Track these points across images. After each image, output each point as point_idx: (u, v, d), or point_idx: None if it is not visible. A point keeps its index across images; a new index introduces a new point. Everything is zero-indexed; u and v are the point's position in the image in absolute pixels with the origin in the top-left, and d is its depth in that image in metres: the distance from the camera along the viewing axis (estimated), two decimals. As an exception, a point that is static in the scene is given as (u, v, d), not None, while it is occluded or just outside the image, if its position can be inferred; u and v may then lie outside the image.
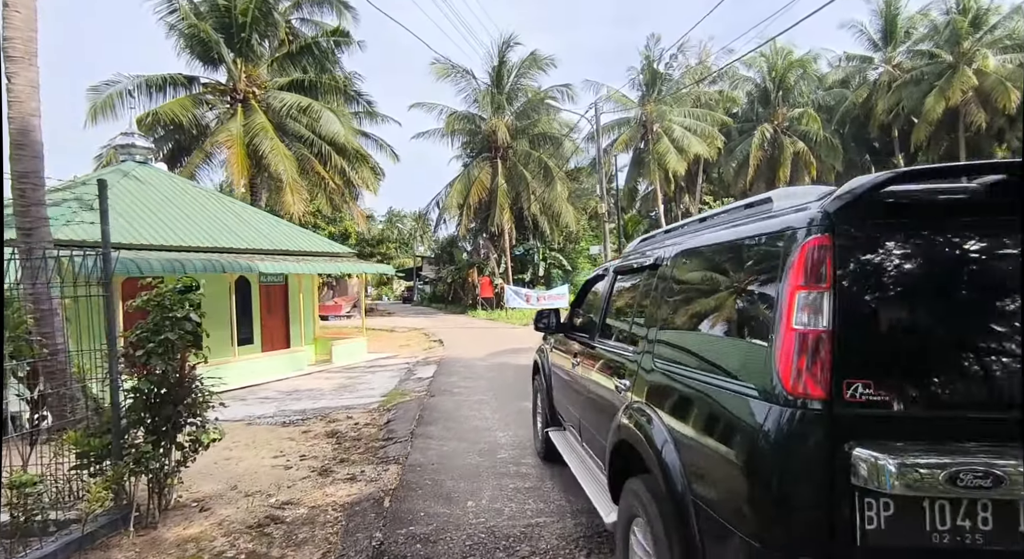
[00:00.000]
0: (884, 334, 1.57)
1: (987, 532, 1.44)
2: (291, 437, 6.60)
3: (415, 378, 10.57)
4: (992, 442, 1.45)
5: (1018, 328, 1.50)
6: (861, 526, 1.46)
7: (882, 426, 1.50)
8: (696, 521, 1.87)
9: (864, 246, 1.60)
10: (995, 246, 1.58)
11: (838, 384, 1.51)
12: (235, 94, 19.31)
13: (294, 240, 13.96)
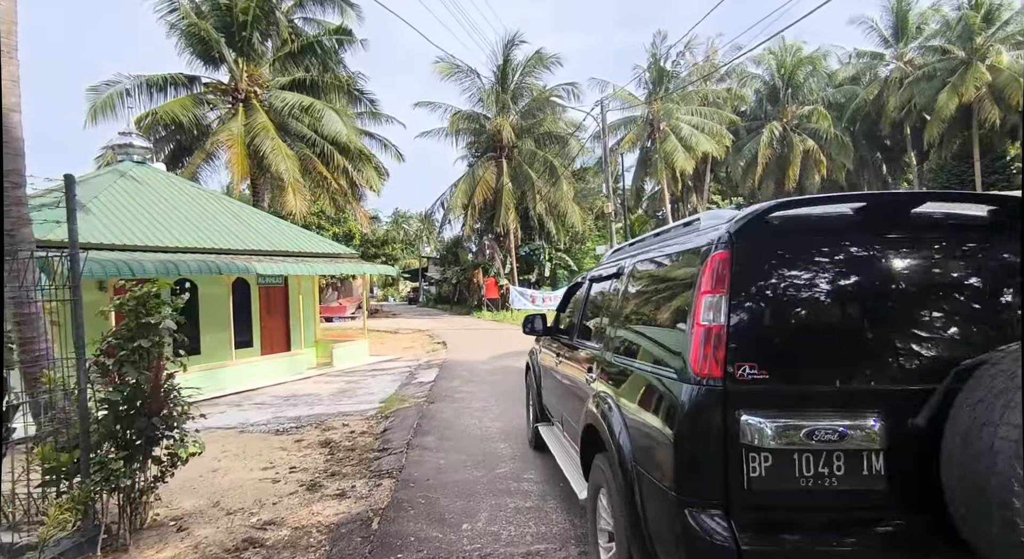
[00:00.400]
0: (764, 328, 2.03)
1: (839, 476, 1.87)
2: (283, 446, 6.30)
3: (416, 382, 10.26)
4: (840, 409, 1.90)
5: (866, 324, 1.99)
6: (748, 474, 1.88)
7: (762, 398, 1.92)
8: (638, 483, 2.26)
9: (752, 260, 2.05)
10: (854, 257, 2.07)
11: (730, 367, 1.93)
12: (236, 94, 19.11)
13: (294, 241, 13.70)
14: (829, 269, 2.08)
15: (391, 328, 23.99)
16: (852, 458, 1.88)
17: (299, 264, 12.36)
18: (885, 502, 1.91)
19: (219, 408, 8.93)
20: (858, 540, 1.88)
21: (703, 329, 2.01)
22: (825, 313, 2.05)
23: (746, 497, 1.89)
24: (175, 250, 10.51)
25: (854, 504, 1.91)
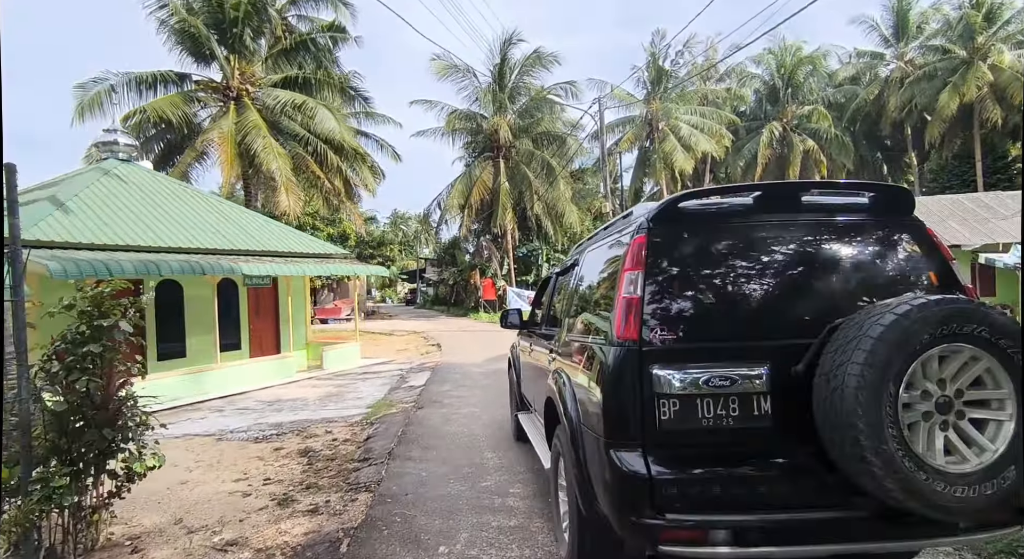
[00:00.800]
0: (674, 297, 2.37)
1: (734, 416, 2.19)
2: (260, 455, 5.98)
3: (406, 386, 9.94)
4: (735, 361, 2.22)
5: (759, 292, 2.37)
6: (659, 417, 2.20)
7: (671, 355, 2.26)
8: (582, 438, 2.59)
9: (665, 241, 2.43)
10: (751, 237, 2.44)
11: (646, 330, 2.28)
12: (228, 91, 18.80)
13: (284, 241, 13.38)
14: (729, 247, 2.48)
15: (386, 330, 23.66)
16: (744, 401, 2.22)
17: (288, 264, 12.03)
18: (773, 436, 2.24)
19: (200, 413, 8.62)
20: (751, 468, 2.24)
21: (624, 300, 2.39)
22: (725, 284, 2.42)
23: (658, 436, 2.22)
24: (158, 250, 10.19)
25: (747, 439, 2.25)
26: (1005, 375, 1.99)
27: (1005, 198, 22.02)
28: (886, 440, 1.89)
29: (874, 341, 1.94)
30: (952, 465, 1.95)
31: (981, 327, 1.97)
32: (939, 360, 2.00)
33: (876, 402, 1.90)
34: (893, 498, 1.92)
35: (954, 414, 2.01)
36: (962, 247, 19.33)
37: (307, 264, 12.69)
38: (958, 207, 21.93)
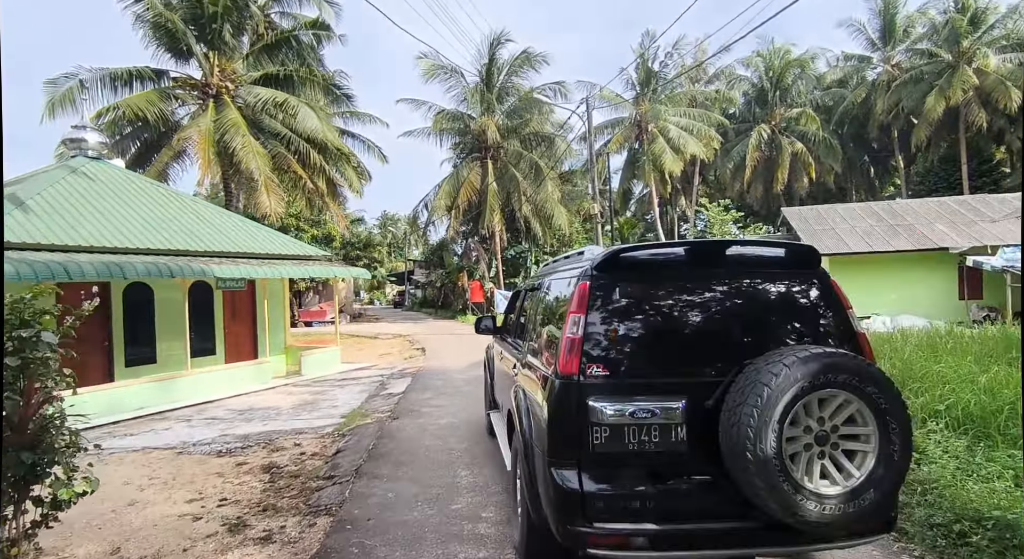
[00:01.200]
0: (608, 338, 2.77)
1: (655, 441, 2.61)
2: (221, 471, 5.58)
3: (385, 394, 9.56)
4: (657, 396, 2.63)
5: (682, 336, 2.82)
6: (593, 441, 2.61)
7: (604, 389, 2.66)
8: (532, 451, 3.01)
9: (604, 288, 2.82)
10: (678, 286, 2.87)
11: (583, 367, 2.68)
12: (207, 89, 18.32)
13: (261, 242, 12.95)
14: (660, 295, 2.85)
15: (371, 333, 23.22)
16: (664, 429, 2.58)
17: (265, 267, 11.60)
18: (687, 458, 2.60)
19: (166, 423, 8.19)
20: (668, 486, 2.62)
21: (568, 339, 2.73)
22: (653, 326, 2.80)
23: (591, 457, 2.59)
24: (125, 251, 9.74)
25: (665, 461, 2.61)
26: (871, 415, 2.40)
27: (991, 201, 22.06)
28: (771, 470, 2.29)
29: (766, 387, 2.34)
30: (824, 487, 2.38)
31: (852, 376, 2.38)
32: (819, 402, 2.40)
33: (764, 438, 2.29)
34: (775, 513, 2.35)
35: (830, 446, 2.43)
36: (950, 249, 19.30)
37: (285, 266, 12.26)
38: (945, 209, 21.94)
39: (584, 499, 2.57)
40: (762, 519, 2.48)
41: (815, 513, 2.31)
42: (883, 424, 2.39)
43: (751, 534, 2.58)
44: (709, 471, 2.60)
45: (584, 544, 2.57)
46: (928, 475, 4.17)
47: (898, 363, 7.77)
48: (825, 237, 21.23)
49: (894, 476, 2.40)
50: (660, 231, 36.58)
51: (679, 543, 2.57)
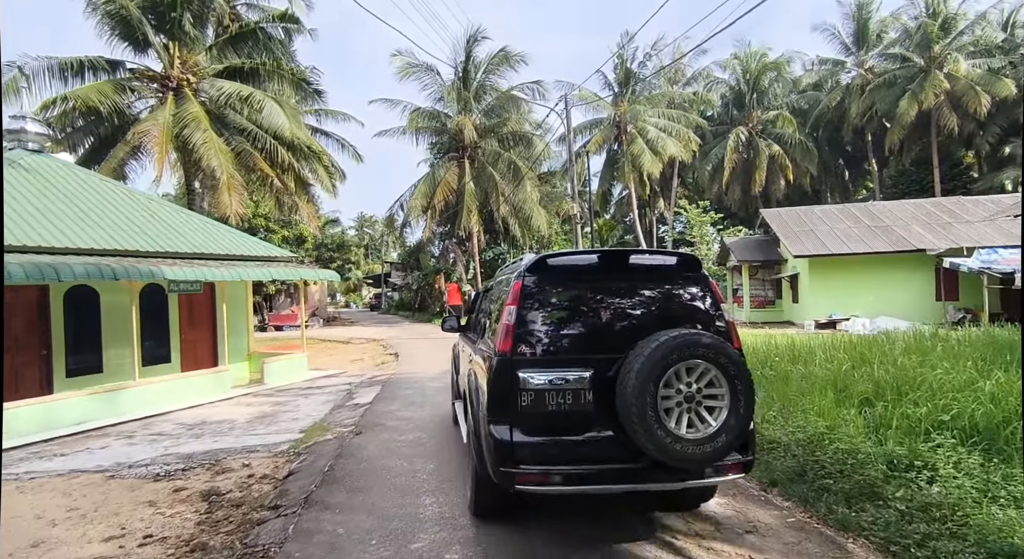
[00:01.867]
0: (534, 324, 3.53)
1: (569, 403, 3.35)
2: (153, 499, 4.91)
3: (351, 404, 8.91)
4: (570, 367, 3.39)
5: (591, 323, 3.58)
6: (521, 403, 3.34)
7: (529, 363, 3.42)
8: (478, 418, 3.78)
9: (532, 286, 3.61)
10: (593, 287, 3.63)
11: (514, 347, 3.44)
12: (167, 81, 17.38)
13: (221, 242, 12.17)
14: (576, 291, 3.66)
15: (344, 337, 22.42)
16: (575, 393, 3.39)
17: (223, 268, 10.83)
18: (593, 417, 3.39)
19: (105, 440, 7.43)
20: (578, 437, 3.42)
21: (504, 325, 3.53)
22: (569, 315, 3.61)
23: (520, 416, 3.39)
24: (64, 251, 8.92)
25: (577, 418, 3.40)
26: (724, 379, 3.16)
27: (966, 203, 22.27)
28: (649, 420, 3.04)
29: (644, 359, 3.11)
30: (690, 433, 3.11)
31: (709, 351, 3.15)
32: (686, 370, 3.17)
33: (643, 397, 3.05)
34: (654, 454, 3.10)
35: (695, 403, 3.18)
36: (927, 251, 19.35)
37: (247, 268, 11.49)
38: (921, 211, 22.07)
39: (513, 447, 3.35)
40: (648, 461, 3.25)
41: (683, 453, 3.09)
42: (733, 386, 3.19)
43: (641, 473, 3.34)
44: (610, 425, 3.36)
45: (513, 482, 3.33)
46: (944, 497, 3.74)
47: (891, 368, 7.43)
48: (805, 238, 21.15)
49: (741, 424, 3.20)
50: (639, 233, 36.41)
51: (586, 480, 3.35)
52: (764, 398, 7.31)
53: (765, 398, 7.21)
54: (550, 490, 3.33)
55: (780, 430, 5.36)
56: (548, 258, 3.76)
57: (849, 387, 7.24)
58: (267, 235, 25.36)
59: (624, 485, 3.40)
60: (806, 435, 5.17)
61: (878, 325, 19.43)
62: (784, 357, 10.28)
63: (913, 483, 4.04)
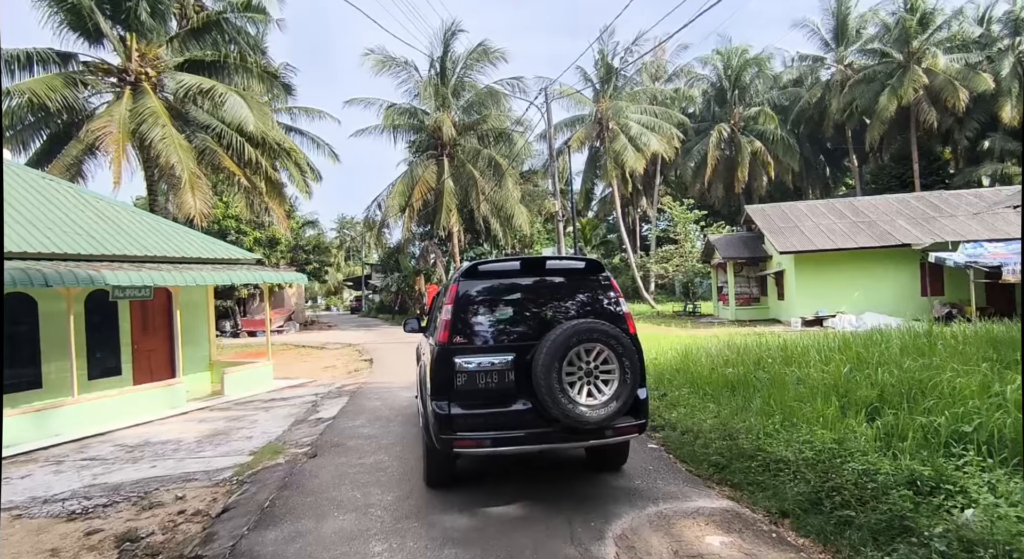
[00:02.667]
0: (466, 319, 4.27)
1: (495, 382, 4.13)
2: (57, 546, 4.15)
3: (314, 419, 8.16)
4: (496, 353, 4.19)
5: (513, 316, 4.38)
6: (457, 383, 4.11)
7: (463, 350, 4.17)
8: (424, 396, 4.68)
9: (466, 288, 4.38)
10: (514, 286, 4.44)
11: (451, 337, 4.18)
12: (125, 75, 16.40)
13: (176, 243, 11.33)
14: (502, 291, 4.46)
15: (319, 343, 21.53)
16: (501, 374, 4.14)
17: (177, 272, 9.99)
18: (515, 392, 4.15)
19: (27, 468, 6.59)
20: (503, 409, 4.15)
21: (443, 320, 4.31)
22: (496, 311, 4.38)
23: (456, 393, 4.13)
24: (-11, 256, 8.02)
25: (503, 394, 4.16)
26: (615, 358, 4.02)
27: (948, 197, 22.13)
28: (556, 392, 3.88)
29: (550, 343, 3.95)
30: (588, 401, 3.99)
31: (603, 335, 4.02)
32: (585, 351, 4.02)
33: (551, 374, 3.88)
34: (561, 419, 3.94)
35: (593, 377, 4.07)
36: (912, 246, 19.11)
37: (203, 271, 10.65)
38: (905, 206, 21.87)
39: (451, 419, 4.09)
40: (559, 426, 4.02)
41: (583, 416, 3.88)
42: (622, 363, 3.99)
43: (554, 435, 4.09)
44: (528, 398, 4.10)
45: (451, 446, 4.10)
46: (989, 532, 3.15)
47: (895, 371, 6.91)
48: (790, 234, 20.80)
49: (629, 392, 4.00)
50: (623, 231, 35.98)
51: (510, 443, 4.08)
52: (761, 406, 6.75)
53: (763, 406, 6.64)
54: (480, 452, 4.18)
55: (784, 446, 4.77)
56: (479, 265, 4.59)
57: (851, 392, 6.70)
58: (239, 237, 24.36)
59: (541, 446, 4.23)
60: (814, 451, 4.59)
61: (865, 322, 19.14)
62: (776, 358, 9.77)
63: (945, 511, 3.47)
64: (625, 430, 4.19)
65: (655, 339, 16.13)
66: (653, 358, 11.16)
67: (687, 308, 27.82)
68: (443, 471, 4.70)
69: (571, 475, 4.99)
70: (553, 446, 4.28)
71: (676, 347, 13.50)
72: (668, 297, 36.70)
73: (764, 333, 17.00)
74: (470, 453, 4.21)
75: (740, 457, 4.77)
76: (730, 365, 9.94)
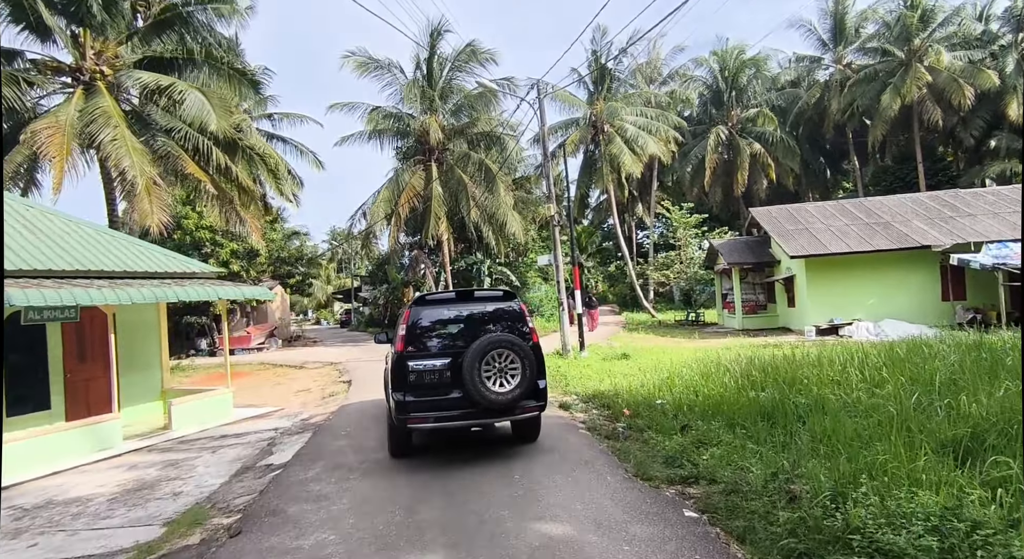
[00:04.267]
0: (416, 334, 6.20)
1: (437, 378, 6.05)
2: None
3: (262, 465, 6.70)
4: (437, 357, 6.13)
5: (451, 332, 6.33)
6: (409, 380, 6.01)
7: (414, 356, 6.09)
8: (387, 390, 6.75)
9: (416, 311, 6.37)
10: (451, 310, 6.46)
11: (405, 347, 6.09)
12: (79, 74, 15.03)
13: (117, 256, 9.91)
14: (441, 314, 6.33)
15: (299, 361, 20.00)
16: (441, 372, 5.97)
17: (110, 290, 8.53)
18: (451, 385, 5.95)
19: None
20: (443, 396, 5.95)
21: (399, 335, 6.13)
22: (438, 329, 6.24)
23: (409, 387, 5.93)
24: None
25: (442, 386, 5.96)
26: (518, 359, 5.86)
27: (965, 196, 20.97)
28: (477, 384, 5.69)
29: (473, 350, 5.77)
30: (499, 390, 5.80)
31: (509, 343, 5.87)
32: (497, 354, 5.83)
33: (473, 371, 5.70)
34: (482, 403, 5.75)
35: (503, 373, 5.87)
36: (932, 247, 17.88)
37: (144, 288, 9.20)
38: (919, 206, 20.69)
39: (406, 404, 5.88)
40: (481, 408, 5.84)
41: (496, 401, 5.74)
42: (524, 363, 5.87)
43: (478, 414, 5.93)
44: (459, 389, 5.91)
45: (406, 423, 5.88)
46: None
47: (984, 399, 5.51)
48: (800, 237, 19.54)
49: (528, 383, 5.88)
50: (621, 239, 34.70)
51: (446, 419, 5.92)
52: (810, 443, 5.37)
53: (812, 444, 5.27)
54: (426, 426, 5.95)
55: (886, 521, 3.36)
56: (426, 296, 6.60)
57: (926, 426, 5.34)
58: (214, 249, 22.87)
59: (469, 422, 6.10)
60: (927, 528, 3.20)
61: (884, 330, 17.84)
62: (811, 377, 8.41)
63: None
64: (529, 409, 6.14)
65: (663, 353, 14.77)
66: (665, 378, 9.77)
67: (689, 317, 26.50)
68: (402, 443, 6.50)
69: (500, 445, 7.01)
70: (477, 422, 6.18)
71: (688, 362, 12.12)
72: (668, 305, 35.38)
73: (780, 344, 15.62)
74: (419, 427, 5.96)
75: (826, 542, 3.36)
76: (757, 385, 8.57)
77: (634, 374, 11.45)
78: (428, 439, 7.15)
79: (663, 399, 8.52)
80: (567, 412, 8.76)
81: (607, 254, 50.06)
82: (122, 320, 10.39)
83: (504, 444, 6.85)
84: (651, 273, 33.24)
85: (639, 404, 8.52)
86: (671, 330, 23.41)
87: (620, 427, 7.59)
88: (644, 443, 6.49)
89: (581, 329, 15.65)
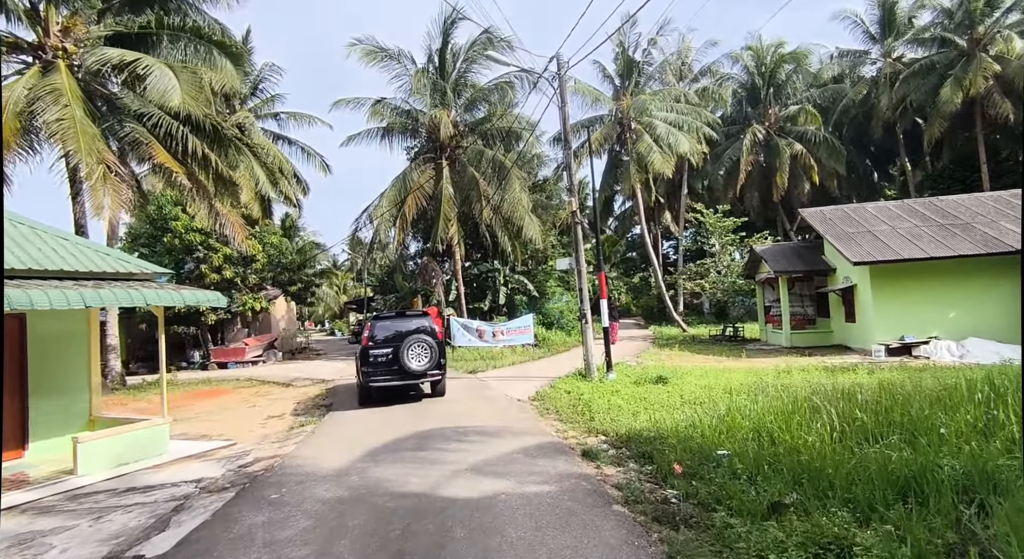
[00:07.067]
0: (375, 337, 11.64)
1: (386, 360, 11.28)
2: None
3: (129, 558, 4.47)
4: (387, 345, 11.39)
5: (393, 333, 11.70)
6: (370, 360, 11.32)
7: (374, 347, 11.44)
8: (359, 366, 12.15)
9: (375, 324, 12.16)
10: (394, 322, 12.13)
11: (368, 342, 11.57)
12: (41, 52, 13.35)
13: (30, 252, 7.87)
14: (388, 324, 11.98)
15: (288, 378, 17.92)
16: (387, 356, 11.21)
17: (22, 290, 6.47)
18: (393, 362, 11.15)
19: None
20: (388, 369, 11.17)
21: (364, 336, 11.83)
22: (387, 332, 11.70)
23: (370, 364, 11.26)
24: None
25: (388, 363, 11.18)
26: (428, 346, 11.25)
27: (1058, 194, 18.02)
28: (404, 361, 11.02)
29: (403, 342, 11.13)
30: (416, 364, 11.11)
31: (423, 334, 11.42)
32: (416, 343, 11.18)
33: (398, 354, 11.05)
34: (409, 372, 11.08)
35: (418, 354, 11.21)
36: None
37: (51, 290, 7.12)
38: (1003, 204, 17.77)
39: (368, 373, 11.11)
40: (408, 375, 11.02)
41: (415, 371, 11.01)
42: (431, 349, 11.19)
43: (408, 377, 11.04)
44: (397, 365, 10.98)
45: (369, 383, 11.05)
46: None
47: None
48: (862, 241, 16.82)
49: (434, 360, 11.18)
50: (648, 246, 32.09)
51: (390, 380, 11.03)
52: None
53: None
54: (379, 385, 10.96)
55: None
56: (379, 314, 13.04)
57: None
58: (207, 253, 21.09)
59: (402, 382, 11.07)
60: None
61: (970, 350, 14.99)
62: (942, 422, 5.91)
63: None
64: (435, 375, 11.29)
65: (706, 376, 12.25)
66: (723, 415, 7.30)
67: (726, 331, 23.73)
68: (367, 397, 11.35)
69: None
70: (407, 382, 11.13)
71: (742, 389, 9.61)
72: (698, 318, 32.58)
73: (851, 367, 12.94)
74: (377, 386, 10.98)
75: None
76: (867, 432, 6.10)
77: (676, 406, 8.99)
78: (379, 396, 11.63)
79: (726, 450, 6.09)
80: (592, 464, 6.36)
81: (631, 264, 47.36)
82: (38, 331, 8.39)
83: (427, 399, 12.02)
84: (683, 282, 30.55)
85: (693, 454, 6.10)
86: (708, 347, 20.75)
87: (672, 496, 5.20)
88: (719, 538, 4.09)
89: (608, 345, 13.23)
